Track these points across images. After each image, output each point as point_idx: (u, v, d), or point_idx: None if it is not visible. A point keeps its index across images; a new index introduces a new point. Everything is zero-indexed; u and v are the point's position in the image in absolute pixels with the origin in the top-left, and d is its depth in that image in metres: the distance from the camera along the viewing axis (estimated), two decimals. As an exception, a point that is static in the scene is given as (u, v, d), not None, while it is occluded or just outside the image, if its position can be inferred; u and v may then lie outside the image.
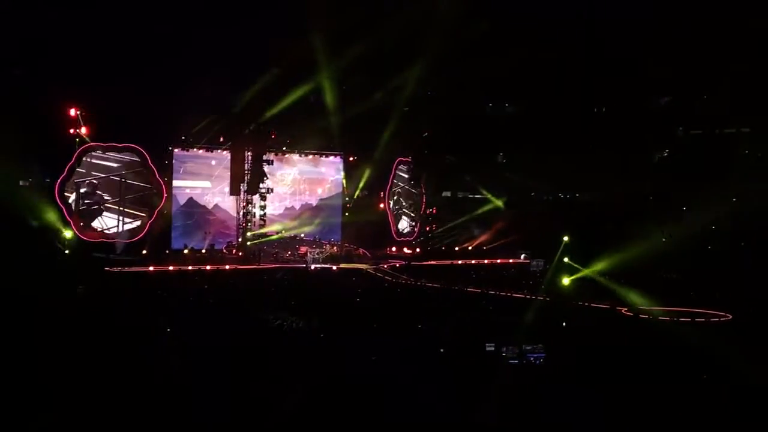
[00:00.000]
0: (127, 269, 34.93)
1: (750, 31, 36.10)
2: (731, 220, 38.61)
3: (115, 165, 38.32)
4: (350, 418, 14.26)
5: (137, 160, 38.60)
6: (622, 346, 20.64)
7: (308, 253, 41.04)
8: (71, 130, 36.67)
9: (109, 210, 38.25)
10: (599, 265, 33.22)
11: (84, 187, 37.41)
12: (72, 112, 36.46)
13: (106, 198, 38.09)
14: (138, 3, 34.01)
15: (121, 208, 38.47)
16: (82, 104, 36.53)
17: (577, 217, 42.60)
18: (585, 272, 32.89)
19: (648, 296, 28.06)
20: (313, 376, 16.15)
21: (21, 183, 36.83)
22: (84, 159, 37.32)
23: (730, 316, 26.43)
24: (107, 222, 38.22)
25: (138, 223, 38.76)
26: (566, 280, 32.38)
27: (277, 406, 14.58)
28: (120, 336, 19.45)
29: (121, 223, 38.47)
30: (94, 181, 37.73)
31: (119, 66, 34.61)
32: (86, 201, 37.57)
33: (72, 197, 37.11)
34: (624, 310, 27.53)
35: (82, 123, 36.79)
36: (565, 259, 35.37)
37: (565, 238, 33.98)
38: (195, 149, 41.37)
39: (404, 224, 48.58)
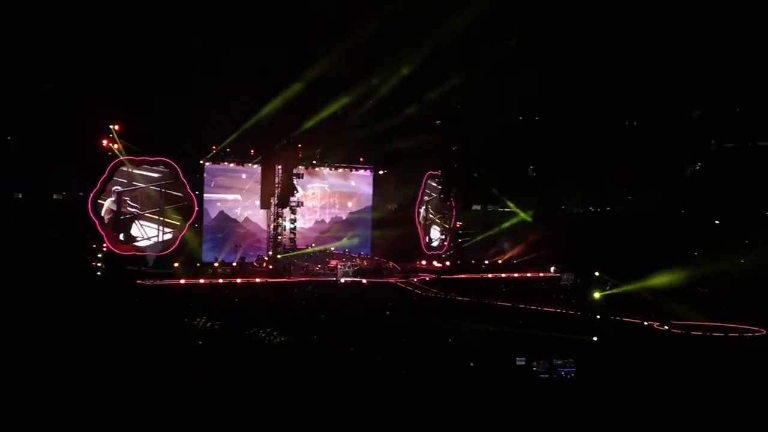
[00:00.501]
0: (158, 282, 35.13)
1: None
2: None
3: (147, 178, 38.62)
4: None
5: (169, 173, 38.89)
6: (653, 361, 20.49)
7: (338, 267, 41.06)
8: (104, 144, 37.10)
9: (140, 223, 38.55)
10: (632, 280, 32.98)
11: (116, 201, 37.71)
12: (105, 126, 36.91)
13: (137, 211, 38.39)
14: (170, 19, 34.30)
15: (153, 222, 38.77)
16: (116, 118, 36.91)
17: (607, 231, 42.30)
18: (619, 289, 32.68)
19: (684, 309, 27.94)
20: (341, 391, 16.18)
21: (55, 197, 37.35)
22: (116, 173, 37.66)
23: (764, 331, 26.13)
24: (139, 235, 38.52)
25: (169, 236, 39.05)
26: (597, 295, 32.18)
27: (302, 421, 14.60)
28: (149, 348, 19.57)
29: (152, 236, 38.78)
30: (127, 195, 38.07)
31: (152, 81, 34.96)
32: (118, 214, 37.88)
33: (105, 211, 37.42)
34: (656, 324, 27.33)
35: (115, 137, 37.20)
36: (596, 273, 35.17)
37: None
38: (226, 163, 41.68)
39: (434, 238, 48.51)
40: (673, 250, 36.84)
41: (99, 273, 35.92)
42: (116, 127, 37.10)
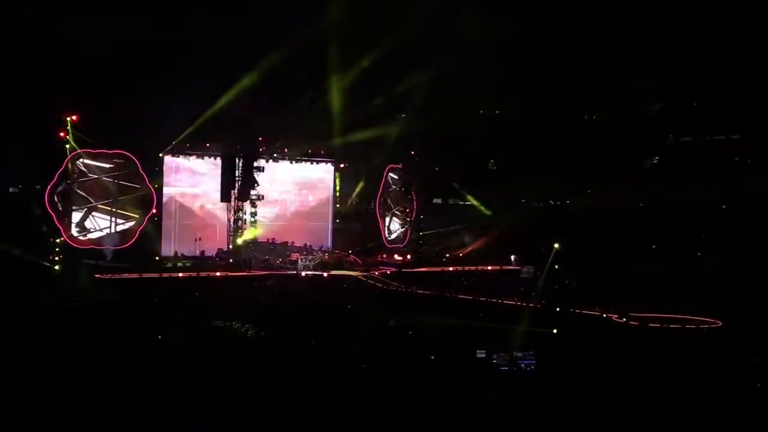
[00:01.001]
0: (117, 276, 34.77)
1: (739, 34, 36.16)
2: (723, 225, 38.80)
3: (105, 171, 38.15)
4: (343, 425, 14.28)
5: (127, 166, 38.43)
6: (612, 353, 20.76)
7: (299, 260, 40.92)
8: (61, 136, 36.60)
9: (98, 216, 38.06)
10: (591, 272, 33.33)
11: (73, 194, 37.21)
12: (62, 118, 36.44)
13: (95, 205, 37.90)
14: (127, 9, 33.94)
15: (109, 214, 38.29)
16: (73, 110, 36.43)
17: (567, 224, 42.65)
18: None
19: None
20: (303, 384, 16.22)
21: (11, 190, 36.78)
22: (74, 165, 37.17)
23: (720, 323, 26.54)
24: (95, 228, 38.02)
25: (127, 229, 38.60)
26: (557, 287, 32.46)
27: (267, 410, 14.63)
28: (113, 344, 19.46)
29: (109, 229, 38.31)
30: (83, 187, 37.58)
31: (109, 72, 34.56)
32: (75, 207, 37.38)
33: (61, 204, 36.86)
34: (615, 316, 27.65)
35: (71, 129, 36.71)
36: (556, 267, 35.43)
37: (556, 245, 33.89)
38: (185, 156, 41.35)
39: (395, 231, 48.55)
40: (632, 242, 37.32)
41: (57, 267, 35.55)
42: (73, 119, 36.64)
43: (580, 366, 18.88)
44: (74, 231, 37.27)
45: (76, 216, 37.41)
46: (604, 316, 28.08)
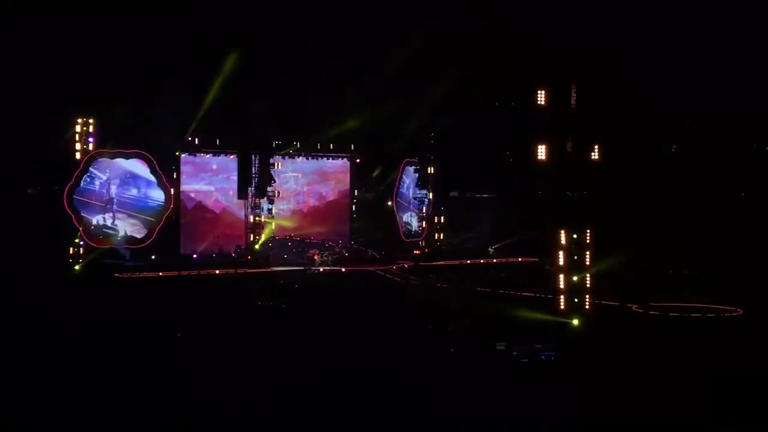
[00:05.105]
0: (137, 275, 34.99)
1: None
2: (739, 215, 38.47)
3: (122, 171, 38.42)
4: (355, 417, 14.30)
5: (144, 165, 38.68)
6: (632, 343, 20.71)
7: (316, 256, 41.05)
8: (79, 138, 36.92)
9: (116, 216, 38.30)
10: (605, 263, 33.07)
11: (91, 194, 37.49)
12: (79, 119, 36.79)
13: (112, 204, 38.17)
14: (141, 10, 34.08)
15: (128, 215, 38.54)
16: (89, 111, 36.74)
17: (583, 215, 42.41)
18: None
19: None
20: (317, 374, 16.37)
21: (30, 191, 37.07)
22: (91, 165, 37.43)
23: (741, 311, 26.39)
24: (114, 228, 38.27)
25: (146, 228, 38.84)
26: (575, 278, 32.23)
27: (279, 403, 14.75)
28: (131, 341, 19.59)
29: (126, 229, 38.59)
30: (102, 188, 37.85)
31: (124, 73, 34.76)
32: (93, 208, 37.64)
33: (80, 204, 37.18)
34: (635, 306, 27.53)
35: (88, 130, 37.05)
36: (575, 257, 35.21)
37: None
38: (202, 153, 41.47)
39: (412, 225, 48.51)
40: (648, 231, 37.07)
41: (77, 267, 35.85)
42: (91, 120, 37.03)
43: (601, 356, 18.86)
44: (92, 231, 37.56)
45: (94, 216, 37.69)
46: (624, 306, 27.94)
